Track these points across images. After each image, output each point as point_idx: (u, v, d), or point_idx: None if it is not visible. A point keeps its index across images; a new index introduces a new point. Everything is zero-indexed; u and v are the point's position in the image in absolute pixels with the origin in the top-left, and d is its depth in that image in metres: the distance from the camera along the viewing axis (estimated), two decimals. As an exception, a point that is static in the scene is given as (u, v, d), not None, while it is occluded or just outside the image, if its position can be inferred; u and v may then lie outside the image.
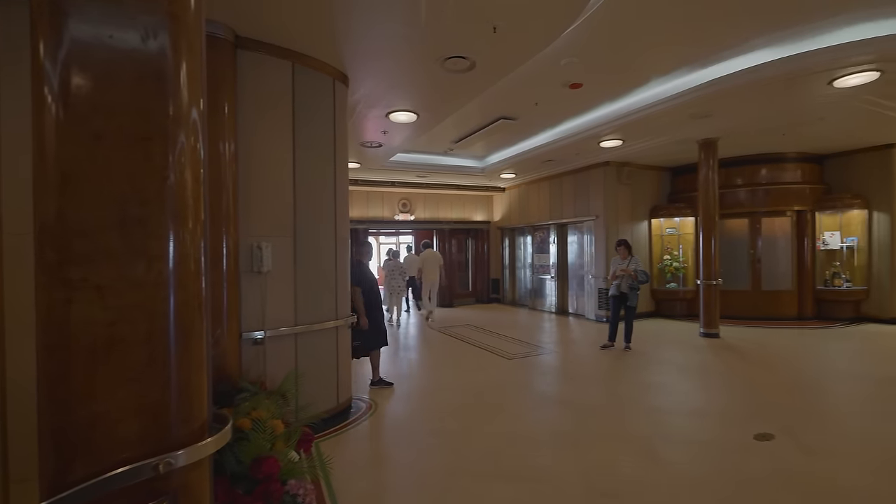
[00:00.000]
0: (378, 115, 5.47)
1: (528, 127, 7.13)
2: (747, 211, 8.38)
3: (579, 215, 9.24)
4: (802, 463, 3.03)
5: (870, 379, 4.78)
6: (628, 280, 6.07)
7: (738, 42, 4.41)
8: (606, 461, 3.09)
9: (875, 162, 7.80)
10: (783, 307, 8.20)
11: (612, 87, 5.51)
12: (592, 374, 5.27)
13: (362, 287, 4.59)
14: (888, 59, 4.23)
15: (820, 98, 5.19)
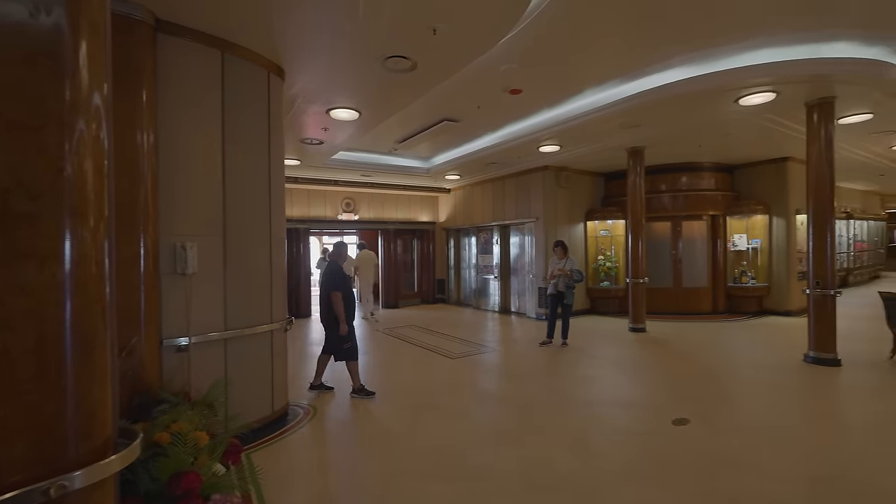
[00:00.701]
0: (318, 111, 5.31)
1: (472, 129, 7.26)
2: (670, 215, 9.12)
3: (521, 217, 9.55)
4: (713, 443, 3.35)
5: (768, 366, 5.37)
6: (565, 279, 6.37)
7: (660, 59, 4.78)
8: (544, 455, 3.21)
9: (774, 173, 8.80)
10: (700, 302, 9.01)
11: (549, 94, 5.75)
12: (531, 371, 5.46)
13: (343, 292, 4.45)
14: (782, 81, 4.80)
15: (728, 114, 5.77)
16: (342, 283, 4.49)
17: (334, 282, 4.46)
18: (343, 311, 4.40)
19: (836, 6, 3.83)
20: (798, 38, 4.37)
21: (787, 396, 4.40)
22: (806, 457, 3.13)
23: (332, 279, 4.49)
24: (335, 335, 4.49)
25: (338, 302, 4.38)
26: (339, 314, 4.39)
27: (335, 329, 4.47)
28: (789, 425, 3.69)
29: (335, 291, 4.40)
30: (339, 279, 4.48)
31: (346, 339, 4.46)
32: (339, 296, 4.39)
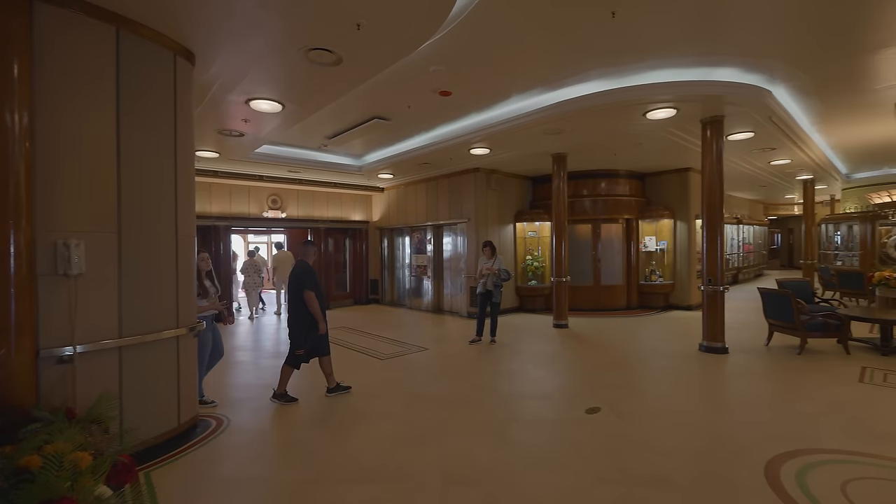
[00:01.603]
0: (237, 100, 4.99)
1: (404, 129, 7.24)
2: (590, 218, 9.76)
3: (453, 217, 9.69)
4: (618, 427, 3.63)
5: (670, 355, 5.95)
6: (493, 278, 6.57)
7: (579, 72, 5.09)
8: (465, 450, 3.28)
9: (678, 181, 9.77)
10: (616, 299, 9.75)
11: (478, 98, 5.89)
12: (459, 369, 5.56)
13: (315, 291, 4.32)
14: (681, 99, 5.34)
15: (638, 126, 6.30)
16: (314, 283, 4.34)
17: (305, 281, 4.30)
18: (319, 310, 4.29)
19: (721, 38, 4.34)
20: (694, 61, 4.88)
21: (682, 382, 4.90)
22: (692, 434, 3.50)
23: (303, 279, 4.31)
24: (303, 336, 4.34)
25: (312, 301, 4.25)
26: (316, 313, 4.28)
27: (302, 330, 4.34)
28: (682, 407, 4.11)
29: (308, 291, 4.26)
30: (309, 278, 4.32)
31: (299, 345, 4.32)
32: (313, 295, 4.26)
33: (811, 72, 5.13)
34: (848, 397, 4.22)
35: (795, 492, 2.63)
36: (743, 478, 2.81)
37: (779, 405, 4.12)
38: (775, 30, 4.18)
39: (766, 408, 4.07)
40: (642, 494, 2.66)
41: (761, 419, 3.79)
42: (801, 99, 6.07)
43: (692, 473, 2.90)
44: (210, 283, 4.38)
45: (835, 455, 3.08)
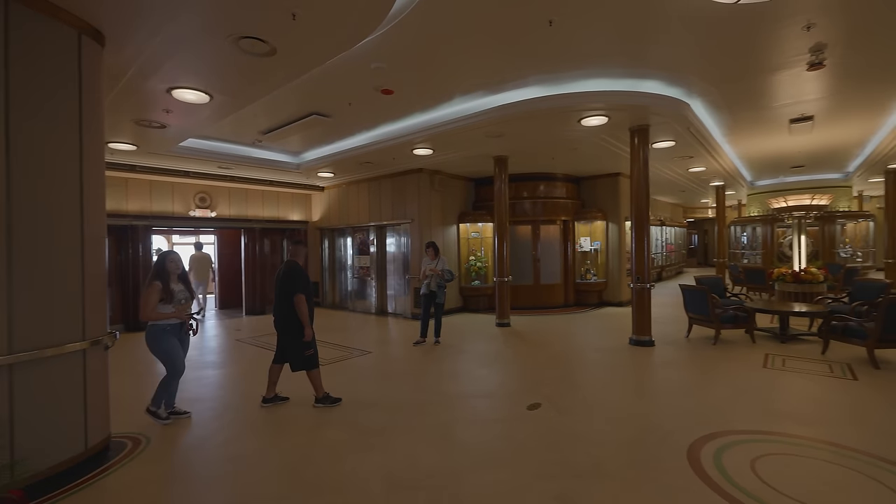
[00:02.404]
0: (157, 88, 4.56)
1: (345, 126, 7.03)
2: (530, 219, 10.10)
3: (397, 218, 9.59)
4: (558, 421, 3.77)
5: (603, 349, 6.30)
6: (436, 279, 6.57)
7: (519, 77, 5.23)
8: (409, 454, 3.22)
9: (609, 185, 10.39)
10: (555, 297, 10.17)
11: (422, 98, 5.86)
12: (403, 371, 5.49)
13: (306, 294, 4.08)
14: (611, 108, 5.66)
15: (573, 132, 6.60)
16: (304, 285, 4.08)
17: (296, 283, 4.05)
18: (307, 314, 4.05)
19: (646, 52, 4.65)
20: (623, 73, 5.20)
21: (614, 374, 5.19)
22: (624, 424, 3.71)
23: (293, 281, 4.06)
24: (294, 342, 4.09)
25: (302, 305, 4.01)
26: (304, 318, 4.03)
27: (293, 335, 4.07)
28: (614, 398, 4.35)
29: (298, 294, 4.01)
30: (300, 280, 4.07)
31: (307, 346, 4.12)
32: (303, 298, 4.03)
33: (722, 88, 5.66)
34: (754, 382, 4.70)
35: (713, 471, 2.87)
36: (669, 462, 3.02)
37: (698, 392, 4.50)
38: (692, 48, 4.56)
39: (687, 395, 4.43)
40: (580, 486, 2.76)
41: (684, 406, 4.11)
42: (714, 112, 6.68)
43: (625, 461, 3.07)
44: (183, 286, 4.00)
45: (745, 435, 3.40)
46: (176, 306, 3.88)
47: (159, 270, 3.87)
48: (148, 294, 3.76)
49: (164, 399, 3.92)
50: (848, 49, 4.55)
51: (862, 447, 3.14)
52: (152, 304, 3.76)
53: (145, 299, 3.76)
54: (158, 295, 3.77)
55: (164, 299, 3.81)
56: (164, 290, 3.80)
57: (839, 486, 2.68)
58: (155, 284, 3.79)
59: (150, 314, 3.77)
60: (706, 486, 2.70)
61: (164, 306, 3.82)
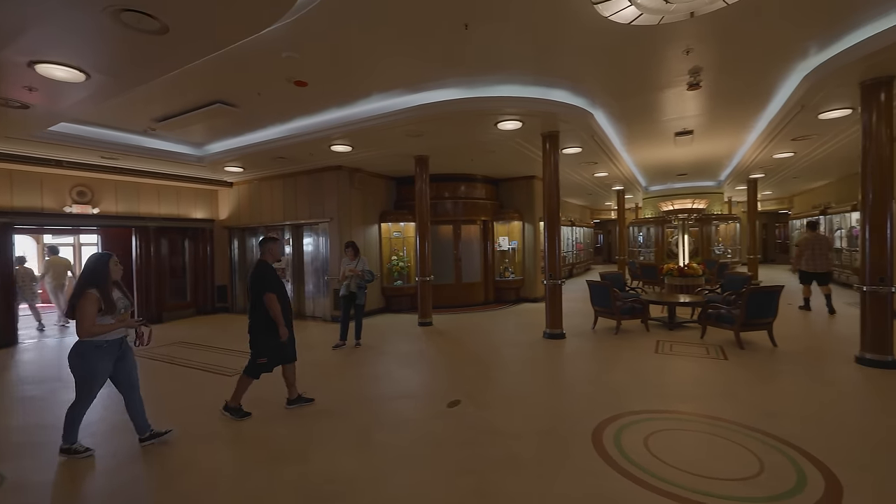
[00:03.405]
0: (15, 61, 3.84)
1: (255, 118, 6.55)
2: (452, 219, 10.27)
3: (314, 217, 9.16)
4: (477, 416, 3.85)
5: (520, 344, 6.60)
6: (356, 280, 6.38)
7: (437, 77, 5.27)
8: (328, 463, 3.07)
9: (525, 187, 10.94)
10: (475, 295, 10.45)
11: (339, 93, 5.66)
12: (322, 376, 5.25)
13: (277, 292, 3.91)
14: (525, 114, 5.94)
15: (490, 135, 6.83)
16: (274, 284, 3.93)
17: (265, 283, 3.90)
18: (280, 313, 3.89)
19: (555, 62, 4.95)
20: (535, 80, 5.48)
21: (529, 367, 5.46)
22: (537, 414, 3.91)
23: (262, 280, 3.91)
24: (266, 341, 3.93)
25: (272, 304, 3.86)
26: (277, 317, 3.88)
27: (265, 336, 3.93)
28: (529, 390, 4.58)
29: (268, 293, 3.87)
30: (267, 279, 3.91)
31: (261, 355, 3.93)
32: (274, 297, 3.88)
33: (620, 101, 6.22)
34: (648, 366, 5.23)
35: (613, 451, 3.12)
36: (577, 446, 3.23)
37: (602, 378, 4.89)
38: (594, 62, 4.94)
39: (593, 382, 4.79)
40: (497, 478, 2.84)
41: (590, 392, 4.44)
42: (614, 123, 7.33)
43: (538, 450, 3.22)
44: (120, 294, 3.37)
45: (640, 415, 3.76)
46: (117, 316, 3.28)
47: (97, 276, 3.18)
48: (84, 305, 3.08)
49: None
50: (719, 73, 5.25)
51: (731, 418, 3.64)
52: (91, 316, 3.09)
53: (82, 312, 3.08)
54: (96, 305, 3.12)
55: (104, 310, 3.16)
56: (103, 298, 3.15)
57: (713, 454, 3.07)
58: (90, 294, 3.10)
59: (92, 328, 3.10)
60: (607, 466, 2.93)
61: (102, 318, 3.17)
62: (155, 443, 3.40)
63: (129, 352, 3.45)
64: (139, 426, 3.41)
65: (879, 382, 4.46)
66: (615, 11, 3.58)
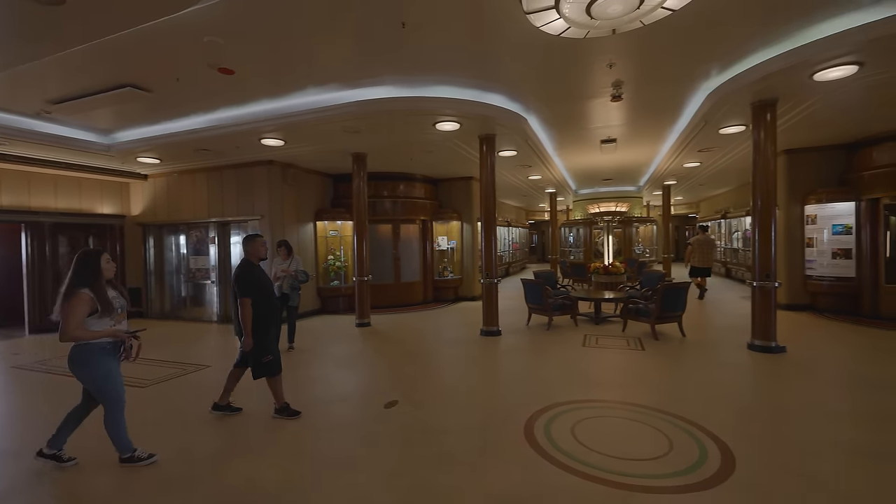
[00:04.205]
0: None
1: (173, 105, 6.02)
2: (391, 218, 10.18)
3: (243, 214, 8.63)
4: (414, 415, 3.86)
5: (457, 341, 6.71)
6: (290, 280, 6.12)
7: (374, 74, 5.19)
8: (258, 475, 2.91)
9: (464, 188, 11.13)
10: (415, 295, 10.45)
11: (270, 84, 5.38)
12: (250, 384, 4.95)
13: (253, 297, 3.64)
14: (463, 115, 6.04)
15: (429, 135, 6.86)
16: (251, 287, 3.65)
17: (240, 285, 3.65)
18: (249, 321, 3.62)
19: (491, 67, 5.09)
20: (473, 83, 5.59)
21: (466, 364, 5.57)
22: (472, 409, 4.01)
23: (238, 282, 3.67)
24: (259, 342, 3.70)
25: (244, 309, 3.61)
26: (245, 323, 3.62)
27: (259, 337, 3.70)
28: (465, 387, 4.67)
29: (242, 298, 3.63)
30: (246, 282, 3.65)
31: (263, 352, 3.72)
32: (248, 302, 3.62)
33: (552, 108, 6.54)
34: (576, 359, 5.56)
35: (543, 441, 3.28)
36: (510, 439, 3.35)
37: (534, 372, 5.12)
38: (527, 70, 5.15)
39: (525, 376, 4.99)
40: (431, 476, 2.86)
41: (522, 386, 4.62)
42: (546, 128, 7.69)
43: (472, 445, 3.30)
44: (116, 293, 3.05)
45: (568, 405, 3.99)
46: (115, 318, 2.96)
47: (89, 273, 2.86)
48: (73, 306, 2.76)
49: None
50: (639, 87, 5.70)
51: (647, 403, 3.98)
52: (78, 318, 2.77)
53: (69, 313, 2.75)
54: (88, 307, 2.80)
55: (98, 311, 2.84)
56: (98, 299, 2.83)
57: (630, 437, 3.34)
58: (81, 294, 2.79)
59: (76, 332, 2.77)
60: (538, 455, 3.07)
61: (99, 320, 2.87)
62: (49, 462, 3.03)
63: None
64: (58, 441, 3.07)
65: (766, 366, 5.12)
66: (546, 22, 3.76)
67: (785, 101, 5.58)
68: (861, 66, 4.47)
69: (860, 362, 5.18)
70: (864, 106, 5.89)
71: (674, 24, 3.99)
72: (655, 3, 3.34)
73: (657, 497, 2.56)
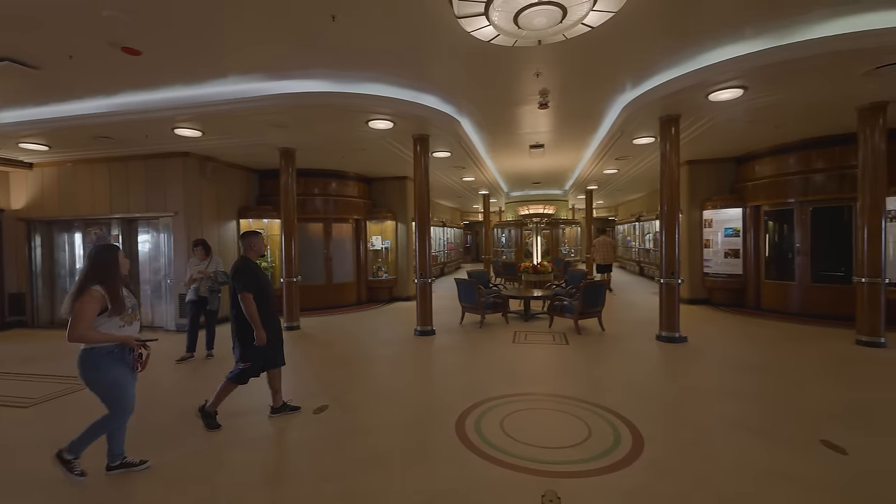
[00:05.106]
0: None
1: (66, 86, 5.32)
2: (322, 216, 9.83)
3: (154, 210, 7.84)
4: (345, 419, 3.76)
5: (391, 342, 6.66)
6: (207, 282, 5.67)
7: (303, 66, 4.98)
8: (169, 497, 2.65)
9: (398, 188, 11.06)
10: (348, 296, 10.19)
11: (185, 69, 4.94)
12: (161, 396, 4.52)
13: (254, 292, 3.59)
14: (396, 115, 6.00)
15: (362, 133, 6.73)
16: (251, 282, 3.59)
17: (240, 281, 3.58)
18: (257, 315, 3.56)
19: (426, 68, 5.12)
20: (408, 83, 5.58)
21: (400, 364, 5.54)
22: (405, 410, 4.00)
23: (238, 278, 3.60)
24: (250, 344, 3.62)
25: (249, 304, 3.54)
26: (253, 319, 3.55)
27: (251, 338, 3.60)
28: (398, 387, 4.65)
29: (243, 293, 3.55)
30: (246, 277, 3.59)
31: (243, 359, 3.64)
32: (250, 297, 3.56)
33: (483, 112, 6.73)
34: (506, 355, 5.76)
35: (474, 436, 3.36)
36: (441, 436, 3.39)
37: (466, 370, 5.22)
38: (460, 73, 5.25)
39: (458, 374, 5.08)
40: (362, 478, 2.81)
41: (455, 384, 4.70)
42: (478, 131, 7.89)
43: (404, 445, 3.29)
44: (128, 292, 2.90)
45: (498, 400, 4.12)
46: (124, 318, 2.79)
47: (105, 270, 2.72)
48: (84, 304, 2.61)
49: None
50: (563, 97, 6.05)
51: (569, 394, 4.23)
52: (89, 318, 2.62)
53: (80, 312, 2.59)
54: (99, 305, 2.65)
55: (108, 310, 2.69)
56: (110, 297, 2.68)
57: (554, 426, 3.53)
58: (93, 291, 2.64)
59: (86, 333, 2.61)
60: (468, 451, 3.14)
61: (108, 320, 2.71)
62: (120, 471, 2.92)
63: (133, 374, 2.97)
64: (79, 446, 2.84)
65: (671, 354, 5.68)
66: (476, 28, 3.85)
67: (686, 117, 6.24)
68: (746, 89, 5.13)
69: (743, 349, 5.95)
70: (749, 124, 6.76)
71: (593, 40, 4.29)
72: (576, 19, 3.57)
73: (576, 481, 2.73)
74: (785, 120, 6.54)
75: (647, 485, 2.68)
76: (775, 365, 5.12)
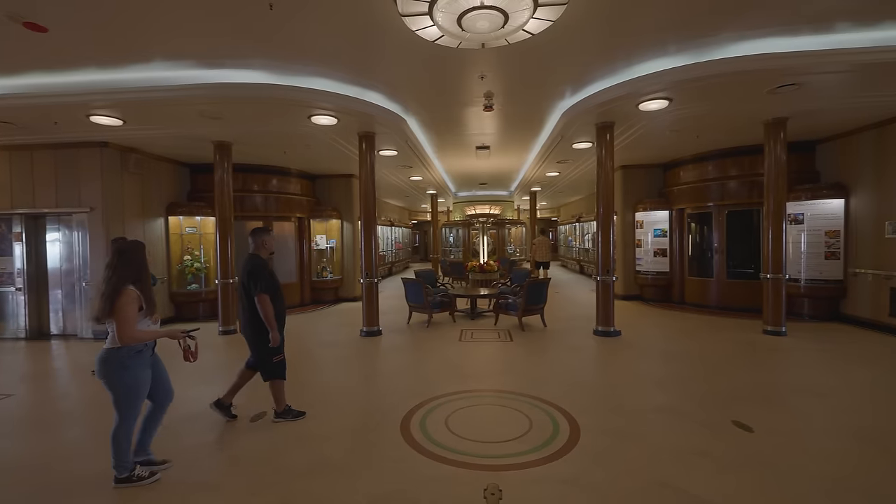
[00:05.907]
0: None
1: (-48, 62, 4.65)
2: (263, 214, 9.37)
3: (66, 205, 7.07)
4: (284, 427, 3.60)
5: (336, 343, 6.49)
6: (131, 285, 5.20)
7: (239, 55, 4.72)
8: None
9: (344, 186, 10.80)
10: (290, 297, 9.77)
11: (102, 50, 4.50)
12: (77, 410, 4.09)
13: (270, 293, 3.47)
14: (340, 111, 5.86)
15: (304, 128, 6.49)
16: (267, 283, 3.50)
17: (256, 281, 3.47)
18: (273, 317, 3.51)
19: (371, 65, 5.04)
20: (352, 79, 5.47)
21: (345, 366, 5.42)
22: (350, 412, 3.92)
23: (253, 279, 3.48)
24: (261, 347, 3.59)
25: (266, 306, 3.47)
26: (269, 320, 3.50)
27: (262, 340, 3.56)
28: (343, 389, 4.54)
29: (260, 294, 3.46)
30: (261, 277, 3.48)
31: (275, 352, 3.63)
32: (266, 299, 3.48)
33: (430, 111, 6.75)
34: (452, 353, 5.82)
35: (419, 435, 3.37)
36: (386, 437, 3.36)
37: (413, 369, 5.21)
38: (407, 71, 5.23)
39: (404, 374, 5.06)
40: (303, 485, 2.72)
41: (401, 384, 4.67)
42: (425, 131, 7.90)
43: (349, 449, 3.21)
44: None
45: (443, 399, 4.15)
46: (154, 318, 2.78)
47: (137, 268, 2.64)
48: (124, 305, 2.54)
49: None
50: (507, 100, 6.22)
51: (512, 388, 4.36)
52: (134, 318, 2.58)
53: (124, 313, 2.53)
54: (138, 304, 2.61)
55: (144, 310, 2.67)
56: (144, 297, 2.65)
57: (497, 421, 3.62)
58: (129, 291, 2.57)
59: (137, 333, 2.59)
60: (413, 450, 3.14)
61: (142, 321, 2.68)
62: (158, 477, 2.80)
63: (157, 356, 2.94)
64: (144, 445, 2.92)
65: (606, 347, 6.03)
66: (421, 27, 3.85)
67: (620, 125, 6.65)
68: (670, 101, 5.56)
69: (669, 340, 6.45)
70: (675, 133, 7.33)
71: (534, 47, 4.44)
72: (517, 25, 3.68)
73: (517, 473, 2.82)
74: (704, 130, 7.16)
75: (582, 472, 2.83)
76: (695, 353, 5.61)
